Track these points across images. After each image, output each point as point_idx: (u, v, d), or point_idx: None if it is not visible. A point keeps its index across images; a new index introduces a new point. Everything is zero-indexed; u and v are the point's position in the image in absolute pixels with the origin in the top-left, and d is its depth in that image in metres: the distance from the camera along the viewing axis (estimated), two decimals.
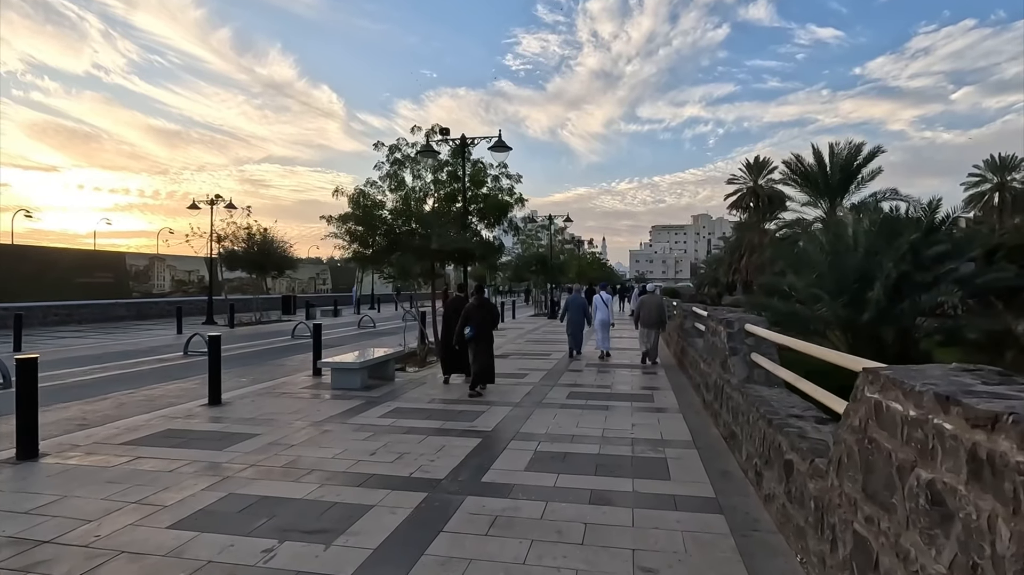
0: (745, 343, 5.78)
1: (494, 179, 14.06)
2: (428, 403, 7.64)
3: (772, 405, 4.47)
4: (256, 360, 12.68)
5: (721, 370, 6.17)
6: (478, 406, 7.39)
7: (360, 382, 8.67)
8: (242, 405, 7.48)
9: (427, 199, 13.88)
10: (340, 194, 12.60)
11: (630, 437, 5.87)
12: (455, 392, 8.40)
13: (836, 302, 15.79)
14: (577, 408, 7.27)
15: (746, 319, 5.97)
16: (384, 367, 9.74)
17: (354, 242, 12.37)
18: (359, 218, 12.45)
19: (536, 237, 32.16)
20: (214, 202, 22.48)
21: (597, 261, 58.39)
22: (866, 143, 26.08)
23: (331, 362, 8.91)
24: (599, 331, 12.90)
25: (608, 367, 11.13)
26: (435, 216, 13.28)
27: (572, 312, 13.02)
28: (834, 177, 26.85)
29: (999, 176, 51.95)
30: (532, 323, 23.83)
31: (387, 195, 13.35)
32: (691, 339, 9.90)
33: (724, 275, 52.80)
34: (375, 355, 9.43)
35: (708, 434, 6.05)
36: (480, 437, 5.89)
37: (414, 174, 13.79)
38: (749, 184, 50.88)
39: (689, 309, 10.73)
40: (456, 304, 9.56)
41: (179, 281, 28.14)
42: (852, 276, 16.09)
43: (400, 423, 6.50)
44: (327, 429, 6.22)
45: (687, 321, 10.63)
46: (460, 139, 13.00)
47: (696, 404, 7.59)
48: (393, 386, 8.98)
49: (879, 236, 17.41)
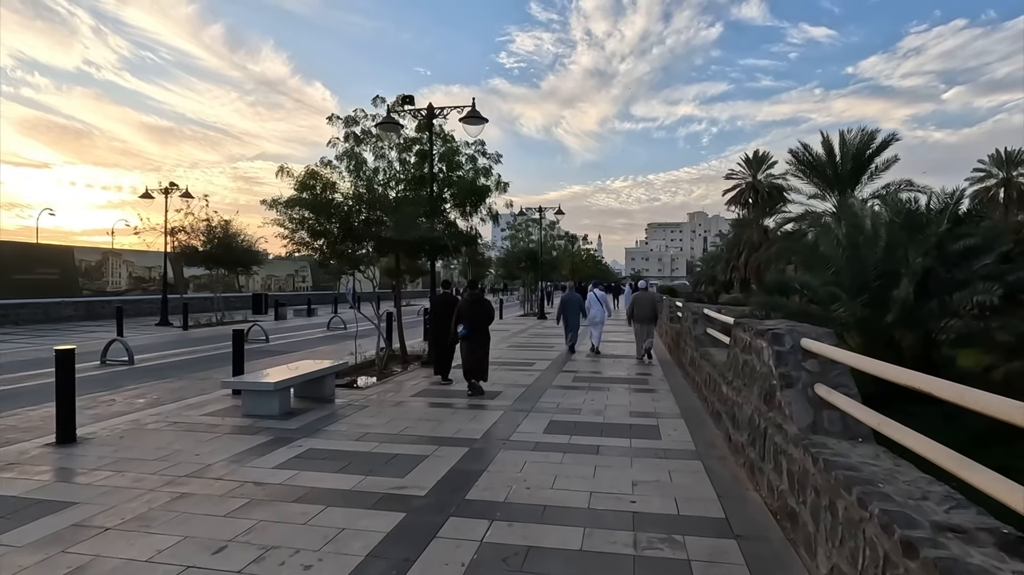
0: (804, 368, 3.83)
1: (470, 159, 12.08)
2: (356, 441, 5.64)
3: (883, 490, 2.53)
4: (184, 371, 10.66)
5: (763, 405, 4.22)
6: (419, 448, 5.40)
7: (278, 408, 6.68)
8: (101, 444, 5.48)
9: (393, 183, 11.89)
10: (285, 174, 10.58)
11: (630, 511, 3.91)
12: (398, 423, 6.41)
13: (855, 301, 13.91)
14: (557, 451, 5.30)
15: (802, 332, 4.02)
16: (319, 385, 7.75)
17: (299, 230, 10.35)
18: (307, 203, 10.44)
19: (526, 231, 30.19)
20: (168, 191, 20.34)
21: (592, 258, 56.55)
22: (880, 130, 24.26)
23: (238, 382, 6.90)
24: (592, 328, 13.20)
25: (603, 383, 9.17)
26: (403, 203, 11.30)
27: (569, 310, 13.12)
28: (845, 167, 25.00)
29: (1005, 171, 50.50)
30: (519, 324, 21.85)
31: (345, 177, 11.36)
32: (703, 349, 7.95)
33: (722, 273, 51.29)
34: (305, 371, 7.44)
35: (745, 504, 4.09)
36: (404, 510, 3.90)
37: (376, 153, 11.80)
38: (748, 179, 49.20)
39: (700, 312, 8.79)
40: (443, 301, 9.24)
41: (137, 278, 25.96)
42: (872, 273, 14.20)
43: (300, 479, 4.51)
44: (185, 492, 4.22)
45: (697, 326, 8.69)
46: (427, 109, 10.99)
47: (716, 440, 5.64)
48: (326, 411, 6.99)
49: (902, 229, 15.56)
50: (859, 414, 3.17)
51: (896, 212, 17.13)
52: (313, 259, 10.33)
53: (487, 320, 8.32)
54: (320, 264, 10.96)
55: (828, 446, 3.24)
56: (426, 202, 11.13)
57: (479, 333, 8.13)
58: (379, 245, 10.39)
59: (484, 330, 8.23)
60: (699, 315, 8.77)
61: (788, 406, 3.68)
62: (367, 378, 9.56)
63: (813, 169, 26.22)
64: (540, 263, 26.46)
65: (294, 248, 10.10)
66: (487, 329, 8.32)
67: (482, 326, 8.19)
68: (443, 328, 8.82)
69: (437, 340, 9.19)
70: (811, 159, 26.19)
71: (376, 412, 6.93)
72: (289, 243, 10.13)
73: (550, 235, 31.69)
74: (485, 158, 12.00)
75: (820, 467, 3.00)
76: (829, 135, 25.66)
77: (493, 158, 12.18)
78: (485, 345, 8.22)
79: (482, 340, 8.19)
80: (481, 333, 8.16)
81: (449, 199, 12.06)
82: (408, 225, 10.22)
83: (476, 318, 8.12)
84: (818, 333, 4.00)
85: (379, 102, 11.26)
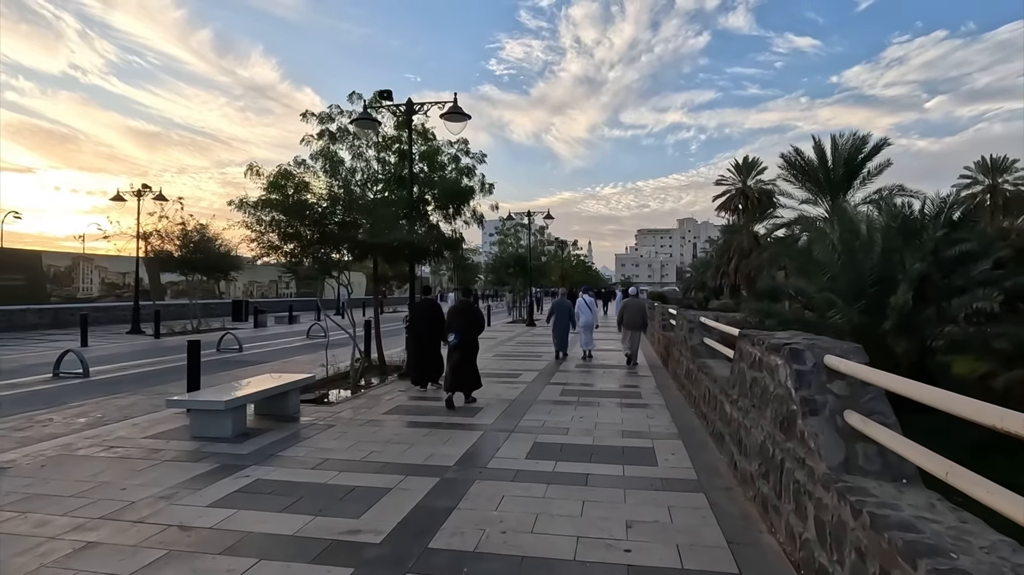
0: (830, 391, 3.23)
1: (452, 159, 11.46)
2: (313, 469, 4.96)
3: (959, 564, 1.92)
4: (143, 384, 9.88)
5: (779, 433, 3.61)
6: (383, 478, 4.73)
7: (231, 429, 5.97)
8: (16, 476, 4.74)
9: (371, 184, 11.23)
10: (254, 174, 9.88)
11: (625, 564, 3.27)
12: (364, 446, 5.73)
13: (852, 308, 13.46)
14: (540, 481, 4.66)
15: (825, 347, 3.42)
16: (281, 402, 7.05)
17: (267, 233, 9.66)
18: (278, 204, 9.76)
19: (515, 237, 29.60)
20: (141, 193, 19.48)
21: (582, 264, 56.10)
22: (871, 134, 23.97)
23: (186, 400, 6.17)
24: (583, 333, 13.23)
25: (593, 397, 8.55)
26: (380, 204, 10.65)
27: (558, 315, 13.07)
28: (837, 171, 24.68)
29: (990, 178, 50.89)
30: (507, 331, 21.20)
31: (320, 177, 10.69)
32: (701, 361, 7.35)
33: (712, 279, 51.03)
34: (264, 387, 6.73)
35: (761, 553, 3.47)
36: (353, 565, 3.23)
37: (354, 152, 11.14)
38: (738, 185, 49.10)
39: (697, 320, 8.18)
40: (423, 308, 8.93)
41: (111, 284, 24.97)
42: (869, 278, 13.78)
43: (236, 521, 3.82)
44: (92, 540, 3.51)
45: (693, 336, 8.09)
46: (406, 104, 10.35)
47: (719, 466, 5.03)
48: (287, 431, 6.29)
49: (899, 233, 15.18)
50: (907, 452, 2.56)
51: (892, 216, 16.73)
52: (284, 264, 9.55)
53: (476, 330, 8.03)
54: (288, 269, 10.23)
55: (869, 492, 2.63)
56: (405, 203, 10.49)
57: (467, 343, 7.84)
58: (353, 248, 9.71)
59: (474, 340, 7.95)
60: (696, 324, 8.18)
61: (813, 438, 3.07)
62: (341, 392, 8.89)
63: (805, 174, 25.89)
64: (529, 269, 25.85)
65: (261, 252, 9.38)
66: (476, 339, 8.03)
67: (471, 336, 7.89)
68: (421, 336, 8.68)
69: (415, 348, 8.93)
70: (803, 164, 25.86)
71: (342, 433, 6.24)
72: (256, 247, 9.42)
73: (539, 240, 31.13)
74: (468, 157, 11.39)
75: (864, 523, 2.38)
76: (821, 140, 25.37)
77: (477, 158, 11.58)
78: (471, 355, 7.92)
79: (470, 351, 7.89)
80: (469, 343, 7.88)
81: (431, 201, 11.43)
82: (385, 227, 9.57)
83: (465, 327, 7.84)
84: (844, 349, 3.41)
85: (356, 98, 10.63)
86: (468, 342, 7.85)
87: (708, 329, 7.97)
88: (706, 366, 6.92)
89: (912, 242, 14.43)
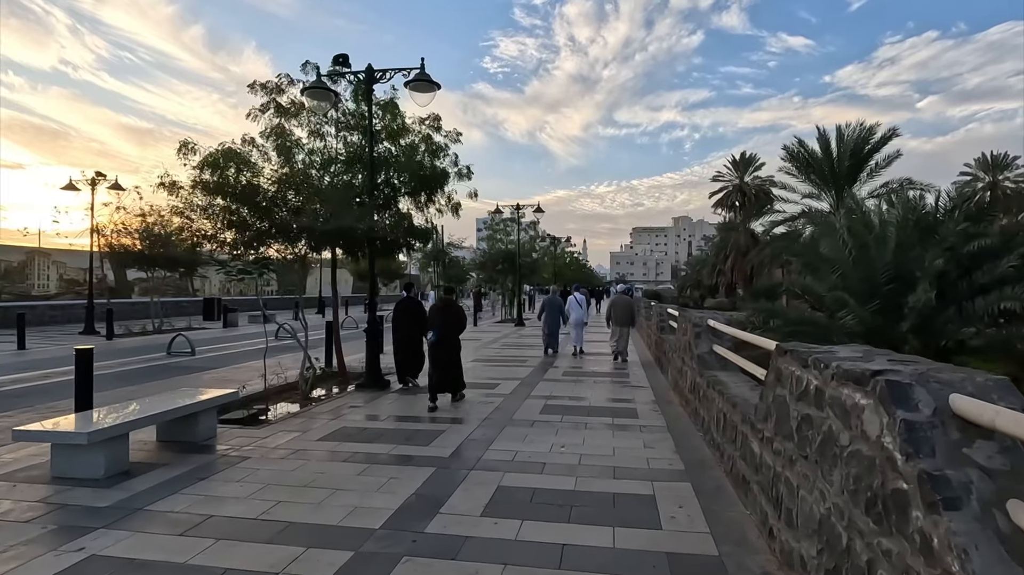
0: (973, 463, 1.85)
1: (425, 140, 10.04)
2: (181, 536, 3.54)
3: None
4: (50, 397, 8.43)
5: (867, 520, 2.23)
6: (267, 557, 3.32)
7: (103, 467, 4.55)
8: None
9: (333, 167, 9.83)
10: (189, 151, 8.45)
11: None
12: (271, 493, 4.31)
13: (865, 308, 12.18)
14: (494, 561, 3.27)
15: (944, 380, 2.06)
16: (189, 426, 5.64)
17: (199, 221, 8.25)
18: (220, 188, 8.36)
19: (505, 232, 28.21)
20: (96, 182, 17.93)
21: (576, 261, 54.84)
22: (880, 124, 22.69)
23: (32, 432, 4.71)
24: (573, 330, 13.49)
25: (581, 415, 7.18)
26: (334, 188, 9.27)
27: (548, 312, 13.29)
28: (843, 164, 23.38)
29: (991, 175, 50.05)
30: (494, 332, 19.81)
31: (272, 159, 9.28)
32: (711, 374, 6.00)
33: (708, 277, 49.95)
34: (160, 409, 5.31)
35: None
36: None
37: (312, 130, 9.73)
38: (735, 181, 47.92)
39: (704, 324, 6.80)
40: (404, 307, 8.94)
41: (70, 280, 23.38)
42: (883, 275, 12.51)
43: None
44: None
45: (700, 343, 6.72)
46: (366, 71, 8.92)
47: (746, 530, 3.67)
48: (187, 466, 4.88)
49: (915, 227, 13.96)
50: None
51: (909, 208, 15.45)
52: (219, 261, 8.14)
53: (458, 328, 7.84)
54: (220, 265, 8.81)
55: None
56: (365, 187, 9.08)
57: (448, 341, 7.64)
58: (299, 237, 8.31)
59: (454, 338, 7.74)
60: (703, 328, 6.81)
61: (956, 556, 1.70)
62: (285, 407, 7.52)
63: (808, 166, 24.61)
64: (519, 265, 24.46)
65: (192, 241, 7.97)
66: (457, 337, 7.82)
67: (452, 334, 7.70)
68: (402, 335, 8.76)
69: (398, 347, 8.93)
70: (807, 156, 24.57)
71: (253, 470, 4.83)
72: (187, 235, 8.00)
73: (530, 236, 29.75)
74: (440, 135, 9.99)
75: None
76: (826, 129, 24.09)
77: (451, 136, 10.18)
78: (454, 354, 7.72)
79: (451, 349, 7.68)
80: (450, 341, 7.67)
81: (400, 185, 10.03)
82: (340, 214, 8.18)
83: (445, 324, 7.65)
84: (979, 384, 2.04)
85: (310, 68, 9.18)
86: (449, 340, 7.61)
87: (718, 334, 6.62)
88: (718, 381, 5.56)
89: (929, 237, 13.24)
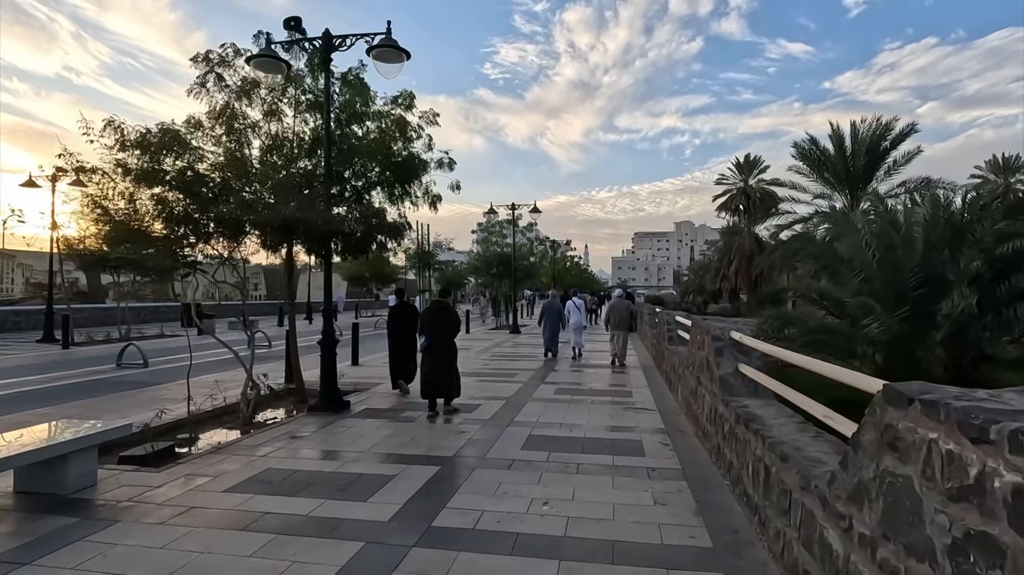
0: None
1: (397, 122, 8.71)
2: None
3: None
4: None
5: None
6: None
7: None
8: None
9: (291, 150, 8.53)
10: (114, 130, 7.12)
11: None
12: None
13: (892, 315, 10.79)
14: None
15: None
16: (51, 473, 4.28)
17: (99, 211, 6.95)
18: (152, 175, 7.07)
19: (501, 234, 26.89)
20: (56, 177, 16.62)
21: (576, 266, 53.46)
22: (898, 119, 21.34)
23: None
24: (573, 334, 13.85)
25: (574, 452, 5.81)
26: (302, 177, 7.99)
27: (548, 317, 13.63)
28: (858, 162, 22.04)
29: (1003, 178, 48.77)
30: (486, 340, 18.43)
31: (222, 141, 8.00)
32: (739, 403, 4.62)
33: (711, 282, 48.62)
34: (14, 450, 3.96)
35: None
36: None
37: (269, 110, 8.41)
38: (739, 184, 46.48)
39: (727, 338, 5.42)
40: (398, 311, 9.00)
41: (36, 284, 22.07)
42: (912, 279, 11.12)
43: None
44: None
45: (723, 362, 5.34)
46: (322, 37, 7.59)
47: None
48: (29, 535, 3.53)
49: (947, 226, 12.57)
50: None
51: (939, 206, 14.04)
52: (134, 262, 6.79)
53: (451, 331, 7.64)
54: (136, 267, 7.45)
55: None
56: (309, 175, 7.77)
57: (441, 345, 7.47)
58: (235, 232, 6.98)
59: (448, 342, 7.59)
60: (725, 343, 5.43)
61: None
62: (220, 435, 6.22)
63: (821, 165, 23.29)
64: (514, 269, 23.10)
65: (94, 241, 6.63)
66: (452, 341, 7.66)
67: (445, 338, 7.53)
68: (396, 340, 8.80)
69: (393, 352, 8.94)
70: (818, 154, 23.25)
71: (107, 547, 3.46)
72: (95, 227, 6.67)
73: (527, 238, 28.42)
74: (414, 114, 8.67)
75: None
76: (840, 126, 22.77)
77: (427, 117, 8.86)
78: (450, 359, 7.56)
79: (445, 353, 7.51)
80: (443, 345, 7.50)
81: (369, 174, 8.72)
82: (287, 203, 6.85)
83: (439, 329, 7.50)
84: None
85: (262, 39, 7.87)
86: (442, 344, 7.45)
87: (744, 350, 5.25)
88: (752, 416, 4.19)
89: (961, 237, 11.88)
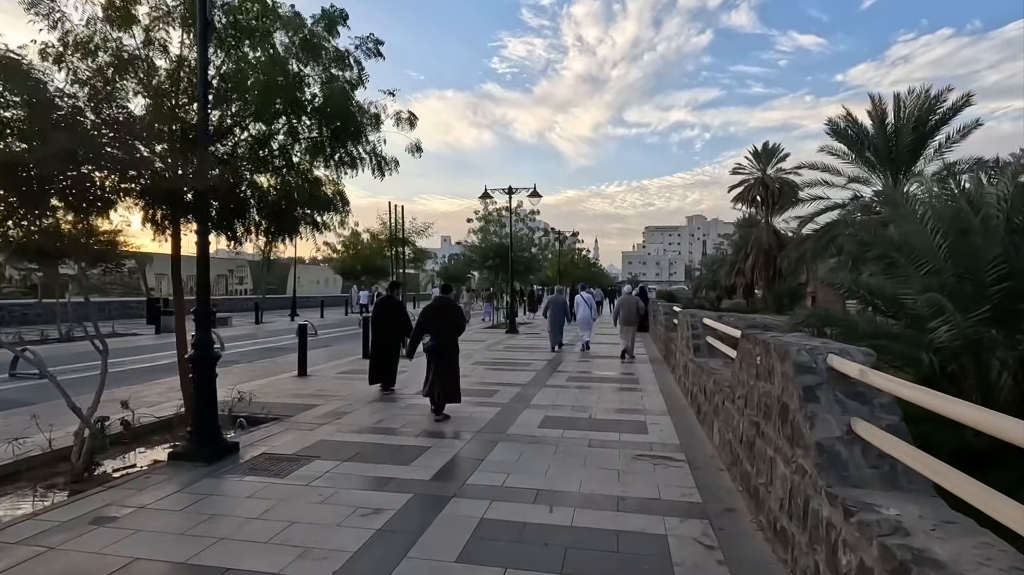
0: None
1: (307, 47, 6.33)
2: None
3: None
4: None
5: None
6: None
7: None
8: None
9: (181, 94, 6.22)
10: None
11: None
12: None
13: (969, 315, 8.28)
14: None
15: None
16: None
17: None
18: None
19: (500, 223, 24.56)
20: None
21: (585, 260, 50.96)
22: (951, 89, 18.60)
23: None
24: (581, 328, 14.16)
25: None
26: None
27: (553, 311, 13.81)
28: (902, 140, 19.38)
29: None
30: (480, 340, 16.14)
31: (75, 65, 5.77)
32: (857, 496, 2.31)
33: (725, 277, 46.19)
34: None
35: None
36: None
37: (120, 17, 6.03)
38: (756, 174, 43.54)
39: (820, 365, 3.09)
40: (385, 306, 8.77)
41: None
42: (991, 273, 8.58)
43: None
44: None
45: (820, 412, 3.00)
46: None
47: None
48: None
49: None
50: None
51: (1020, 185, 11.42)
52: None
53: (456, 331, 7.27)
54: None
55: None
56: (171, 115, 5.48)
57: (447, 345, 7.05)
58: (80, 189, 4.70)
59: (453, 342, 7.18)
60: (822, 379, 3.04)
61: None
62: (11, 503, 4.00)
63: (857, 144, 20.65)
64: (511, 260, 20.76)
65: None
66: (456, 341, 7.25)
67: (450, 337, 7.14)
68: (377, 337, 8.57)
69: (375, 348, 8.62)
70: (855, 132, 20.61)
71: None
72: None
73: (528, 228, 26.06)
74: (339, 38, 6.31)
75: None
76: (882, 98, 20.07)
77: (371, 50, 6.52)
78: (453, 360, 7.11)
79: (451, 354, 7.08)
80: (449, 345, 7.09)
81: (274, 121, 6.41)
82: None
83: (444, 327, 7.09)
84: None
85: None
86: (446, 344, 7.06)
87: (857, 390, 2.90)
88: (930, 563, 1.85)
89: None
